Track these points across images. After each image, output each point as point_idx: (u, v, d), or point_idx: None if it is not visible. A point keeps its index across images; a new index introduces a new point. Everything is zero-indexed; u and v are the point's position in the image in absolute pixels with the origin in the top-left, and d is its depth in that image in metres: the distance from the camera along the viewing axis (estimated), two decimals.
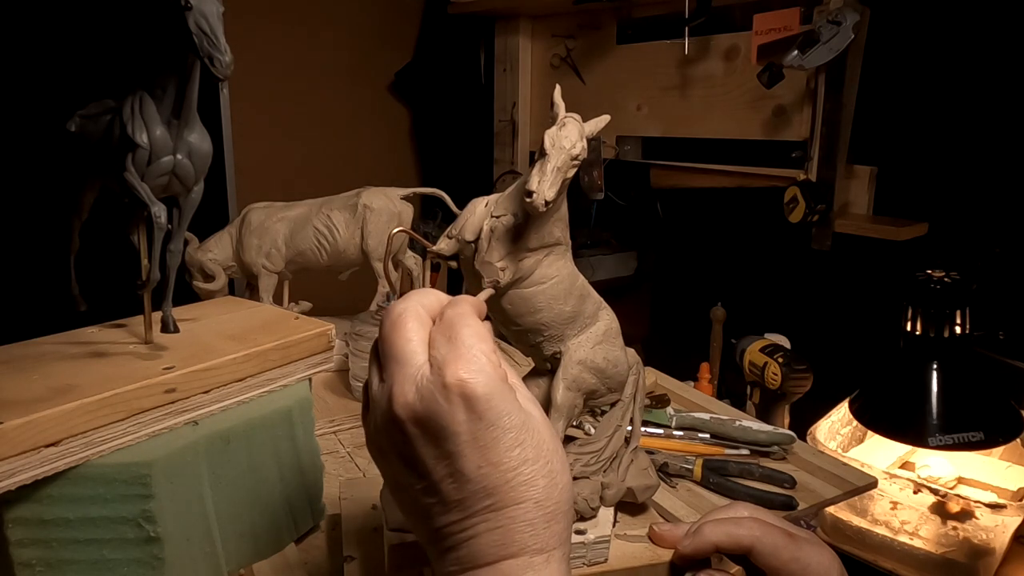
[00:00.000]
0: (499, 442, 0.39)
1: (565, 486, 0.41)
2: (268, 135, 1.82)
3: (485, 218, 0.55)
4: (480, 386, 0.39)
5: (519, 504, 0.39)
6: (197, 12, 0.54)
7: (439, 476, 0.39)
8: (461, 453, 0.39)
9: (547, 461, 0.40)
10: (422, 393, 0.39)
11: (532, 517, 0.39)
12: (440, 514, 0.40)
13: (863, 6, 1.19)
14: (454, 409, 0.39)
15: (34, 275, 1.19)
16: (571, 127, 0.52)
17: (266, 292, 1.15)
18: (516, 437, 0.39)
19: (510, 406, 0.40)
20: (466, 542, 0.39)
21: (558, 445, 0.42)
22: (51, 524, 0.52)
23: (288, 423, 0.65)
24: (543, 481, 0.39)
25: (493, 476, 0.39)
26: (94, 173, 0.67)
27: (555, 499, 0.40)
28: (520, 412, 0.40)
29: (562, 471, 0.41)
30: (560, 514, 0.40)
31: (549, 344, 0.60)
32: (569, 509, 0.41)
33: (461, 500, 0.39)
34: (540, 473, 0.39)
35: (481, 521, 0.39)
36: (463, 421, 0.39)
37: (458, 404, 0.39)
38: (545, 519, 0.39)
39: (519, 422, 0.40)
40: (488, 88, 1.92)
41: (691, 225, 1.69)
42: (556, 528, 0.40)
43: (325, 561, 0.66)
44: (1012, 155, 1.19)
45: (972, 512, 0.94)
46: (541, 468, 0.40)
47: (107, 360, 0.60)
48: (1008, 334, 1.16)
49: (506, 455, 0.39)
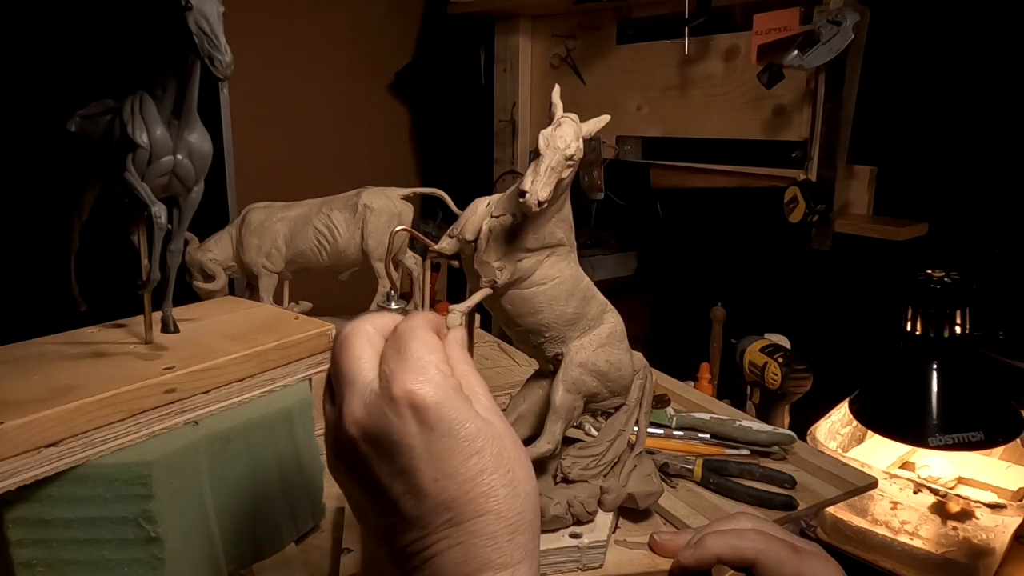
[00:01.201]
0: (454, 452, 0.38)
1: (529, 494, 0.39)
2: (268, 135, 1.82)
3: (485, 218, 0.55)
4: (429, 396, 0.38)
5: (479, 517, 0.37)
6: (197, 12, 0.54)
7: (396, 493, 0.38)
8: (416, 467, 0.37)
9: (508, 470, 0.39)
10: (370, 409, 0.38)
11: (493, 530, 0.37)
12: (401, 533, 0.38)
13: (863, 6, 1.19)
14: (404, 422, 0.38)
15: (34, 275, 1.19)
16: (566, 127, 0.52)
17: (266, 292, 1.15)
18: (472, 446, 0.38)
19: (463, 414, 0.38)
20: (428, 561, 0.38)
21: (521, 453, 0.40)
22: (51, 524, 0.52)
23: (288, 423, 0.65)
24: (504, 491, 0.38)
25: (450, 488, 0.37)
26: (94, 173, 0.67)
27: (517, 510, 0.38)
28: (476, 419, 0.39)
29: (526, 479, 0.39)
30: (524, 524, 0.38)
31: (551, 346, 0.59)
32: (535, 519, 0.40)
33: (420, 516, 0.38)
34: (500, 483, 0.38)
35: (442, 538, 0.37)
36: (415, 434, 0.37)
37: (408, 416, 0.38)
38: (508, 531, 0.38)
39: (474, 430, 0.38)
40: (488, 88, 1.92)
41: (691, 225, 1.69)
42: (520, 540, 0.38)
43: (325, 561, 0.66)
44: (1012, 155, 1.19)
45: (972, 512, 0.94)
46: (501, 477, 0.38)
47: (107, 360, 0.60)
48: (1008, 334, 1.16)
49: (462, 466, 0.37)
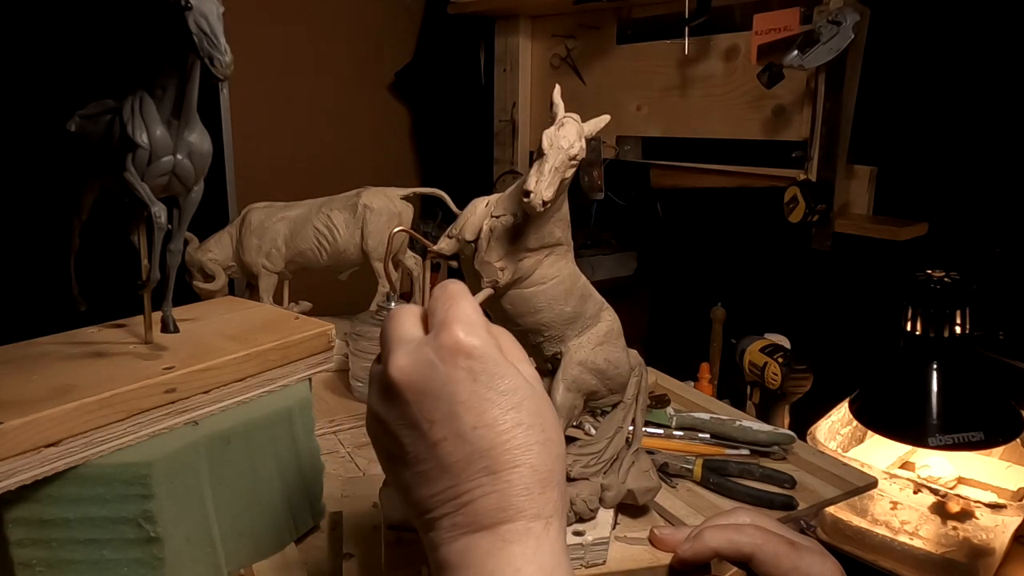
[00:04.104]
0: (494, 404, 0.39)
1: (560, 456, 0.41)
2: (268, 135, 1.82)
3: (485, 218, 0.55)
4: (477, 346, 0.40)
5: (515, 468, 0.39)
6: (197, 12, 0.54)
7: (435, 439, 0.39)
8: (456, 413, 0.39)
9: (543, 428, 0.40)
10: (417, 356, 0.40)
11: (528, 482, 0.39)
12: (436, 479, 0.39)
13: (863, 6, 1.19)
14: (450, 368, 0.39)
15: (34, 275, 1.19)
16: (569, 127, 0.52)
17: (266, 292, 1.15)
18: (510, 400, 0.40)
19: (505, 370, 0.40)
20: (463, 508, 0.39)
21: (555, 417, 0.42)
22: (51, 524, 0.52)
23: (288, 423, 0.65)
24: (538, 447, 0.39)
25: (488, 437, 0.39)
26: (94, 173, 0.67)
27: (550, 466, 0.40)
28: (517, 376, 0.40)
29: (558, 441, 0.41)
30: (555, 482, 0.40)
31: (550, 345, 0.59)
32: (563, 480, 0.41)
33: (456, 463, 0.39)
34: (536, 439, 0.39)
35: (477, 486, 0.39)
36: (459, 380, 0.39)
37: (454, 363, 0.39)
38: (541, 485, 0.39)
39: (514, 386, 0.40)
40: (488, 88, 1.92)
41: (691, 225, 1.69)
42: (552, 496, 0.40)
43: (325, 561, 0.66)
44: (1012, 155, 1.19)
45: (972, 512, 0.94)
46: (537, 434, 0.40)
47: (107, 360, 0.60)
48: (1008, 334, 1.16)
49: (501, 417, 0.39)
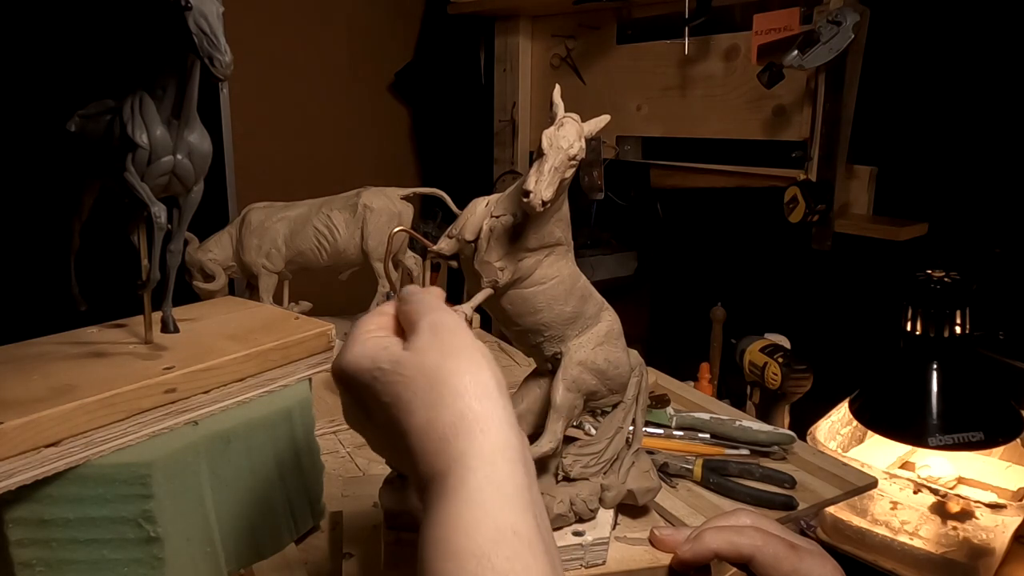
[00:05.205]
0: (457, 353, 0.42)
1: (501, 389, 0.42)
2: (268, 135, 1.82)
3: (485, 218, 0.55)
4: (449, 320, 0.44)
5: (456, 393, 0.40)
6: (197, 12, 0.54)
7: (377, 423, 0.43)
8: (408, 399, 0.41)
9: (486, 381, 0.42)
10: (380, 322, 0.46)
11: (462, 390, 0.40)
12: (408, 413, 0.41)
13: (863, 6, 1.19)
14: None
15: (34, 275, 1.19)
16: (569, 127, 0.52)
17: (266, 292, 1.15)
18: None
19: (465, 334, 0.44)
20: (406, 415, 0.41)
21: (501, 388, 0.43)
22: (51, 524, 0.52)
23: (288, 423, 0.65)
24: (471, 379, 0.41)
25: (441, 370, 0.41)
26: (94, 173, 0.67)
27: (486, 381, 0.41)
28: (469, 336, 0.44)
29: (500, 382, 0.43)
30: (495, 392, 0.41)
31: (550, 345, 0.59)
32: (508, 405, 0.42)
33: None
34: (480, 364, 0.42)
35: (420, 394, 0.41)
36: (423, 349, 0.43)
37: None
38: (478, 397, 0.40)
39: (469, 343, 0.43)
40: (488, 88, 1.92)
41: (691, 225, 1.69)
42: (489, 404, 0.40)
43: (325, 561, 0.66)
44: (1012, 155, 1.19)
45: (972, 512, 0.94)
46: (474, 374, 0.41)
47: (107, 360, 0.60)
48: (1008, 334, 1.16)
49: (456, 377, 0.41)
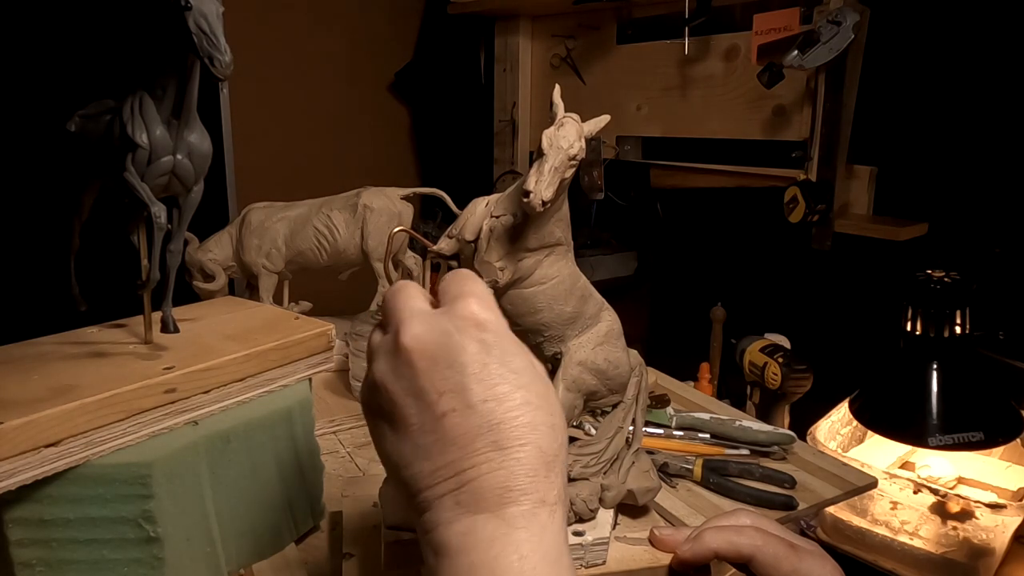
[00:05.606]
0: (503, 380, 0.39)
1: (564, 444, 0.41)
2: (268, 135, 1.82)
3: (485, 218, 0.55)
4: (492, 321, 0.41)
5: (522, 446, 0.38)
6: (197, 12, 0.54)
7: (443, 410, 0.38)
8: (467, 385, 0.38)
9: (550, 413, 0.40)
10: (432, 325, 0.40)
11: (535, 463, 0.38)
12: (439, 452, 0.38)
13: (863, 6, 1.19)
14: (465, 339, 0.39)
15: (34, 275, 1.19)
16: (569, 127, 0.52)
17: (266, 292, 1.15)
18: (519, 379, 0.39)
19: (517, 348, 0.41)
20: (466, 484, 0.37)
21: (559, 404, 0.42)
22: (51, 524, 0.52)
23: (288, 423, 0.65)
24: (545, 428, 0.39)
25: (497, 412, 0.38)
26: (94, 173, 0.67)
27: (555, 451, 0.39)
28: (527, 357, 0.41)
29: (563, 427, 0.41)
30: (559, 469, 0.39)
31: (550, 345, 0.59)
32: (565, 469, 0.41)
33: (464, 434, 0.38)
34: (544, 420, 0.39)
35: (484, 460, 0.38)
36: (473, 352, 0.39)
37: (468, 335, 0.39)
38: (547, 468, 0.38)
39: (523, 366, 0.40)
40: (488, 88, 1.92)
41: (691, 225, 1.69)
42: (557, 482, 0.39)
43: (325, 561, 0.66)
44: (1012, 155, 1.19)
45: (972, 512, 0.94)
46: (545, 416, 0.39)
47: (107, 360, 0.60)
48: (1008, 334, 1.15)
49: (510, 394, 0.39)
